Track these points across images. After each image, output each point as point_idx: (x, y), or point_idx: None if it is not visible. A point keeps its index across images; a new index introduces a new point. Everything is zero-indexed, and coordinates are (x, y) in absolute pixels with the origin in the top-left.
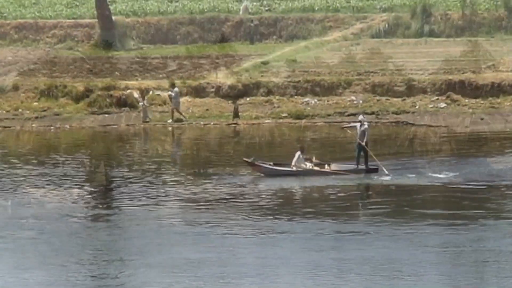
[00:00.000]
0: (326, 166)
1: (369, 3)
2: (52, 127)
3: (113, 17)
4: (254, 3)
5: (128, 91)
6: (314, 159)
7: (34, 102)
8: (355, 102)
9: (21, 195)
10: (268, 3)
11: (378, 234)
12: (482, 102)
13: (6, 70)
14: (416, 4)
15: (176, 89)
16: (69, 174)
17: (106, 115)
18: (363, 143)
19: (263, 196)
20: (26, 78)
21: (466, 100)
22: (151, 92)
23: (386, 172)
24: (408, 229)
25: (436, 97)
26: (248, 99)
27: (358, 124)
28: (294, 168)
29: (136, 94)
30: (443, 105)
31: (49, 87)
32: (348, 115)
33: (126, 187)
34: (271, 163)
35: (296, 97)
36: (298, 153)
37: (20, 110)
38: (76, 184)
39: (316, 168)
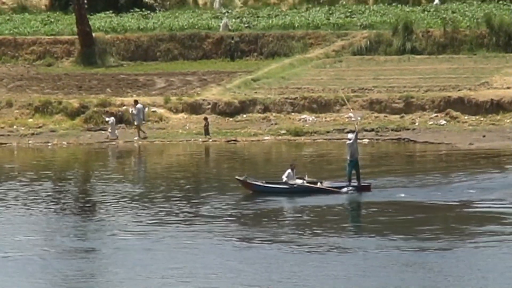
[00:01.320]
0: (319, 184)
1: (349, 20)
2: (49, 144)
3: (93, 34)
4: (233, 20)
5: (124, 107)
6: (306, 177)
7: (28, 118)
8: (353, 119)
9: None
10: (248, 20)
11: (458, 249)
12: (481, 119)
13: None
14: (397, 22)
15: (139, 105)
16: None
17: (103, 132)
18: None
19: (299, 212)
20: (17, 95)
21: (466, 117)
22: (146, 109)
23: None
24: (482, 245)
25: (435, 114)
26: (244, 115)
27: (349, 142)
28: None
29: (133, 111)
30: (443, 122)
31: (44, 103)
32: (347, 132)
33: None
34: (263, 181)
35: (293, 114)
36: (289, 170)
37: (15, 126)
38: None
39: (308, 184)
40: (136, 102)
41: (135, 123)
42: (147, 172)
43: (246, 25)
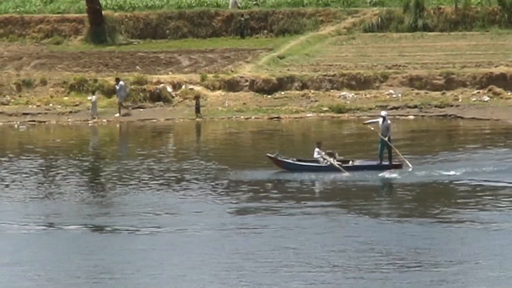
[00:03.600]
0: (350, 162)
1: None
2: (89, 122)
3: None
4: None
5: (161, 85)
6: (337, 155)
7: (64, 96)
8: (394, 95)
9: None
10: None
11: None
12: None
13: (16, 64)
14: None
15: (121, 83)
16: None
17: (141, 110)
18: (386, 139)
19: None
20: (47, 73)
21: (509, 93)
22: (183, 87)
23: (410, 166)
24: None
25: (477, 91)
26: (283, 93)
27: (380, 120)
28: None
29: (169, 88)
30: (486, 98)
31: (79, 81)
32: (391, 109)
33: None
34: (294, 159)
35: (332, 91)
36: (317, 149)
37: (51, 104)
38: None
39: (338, 163)
40: (117, 80)
41: (117, 100)
42: (206, 149)
43: (254, 2)
